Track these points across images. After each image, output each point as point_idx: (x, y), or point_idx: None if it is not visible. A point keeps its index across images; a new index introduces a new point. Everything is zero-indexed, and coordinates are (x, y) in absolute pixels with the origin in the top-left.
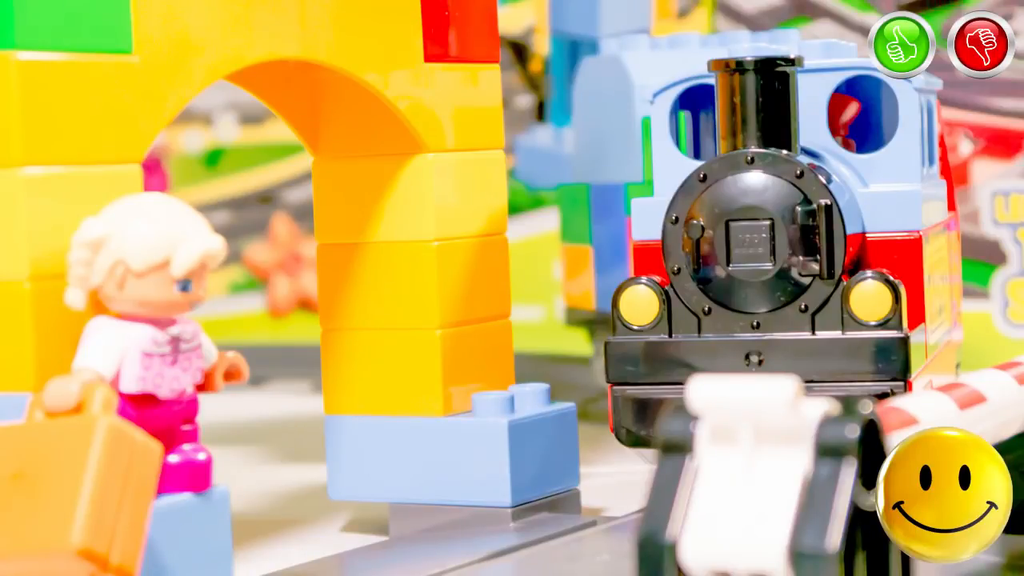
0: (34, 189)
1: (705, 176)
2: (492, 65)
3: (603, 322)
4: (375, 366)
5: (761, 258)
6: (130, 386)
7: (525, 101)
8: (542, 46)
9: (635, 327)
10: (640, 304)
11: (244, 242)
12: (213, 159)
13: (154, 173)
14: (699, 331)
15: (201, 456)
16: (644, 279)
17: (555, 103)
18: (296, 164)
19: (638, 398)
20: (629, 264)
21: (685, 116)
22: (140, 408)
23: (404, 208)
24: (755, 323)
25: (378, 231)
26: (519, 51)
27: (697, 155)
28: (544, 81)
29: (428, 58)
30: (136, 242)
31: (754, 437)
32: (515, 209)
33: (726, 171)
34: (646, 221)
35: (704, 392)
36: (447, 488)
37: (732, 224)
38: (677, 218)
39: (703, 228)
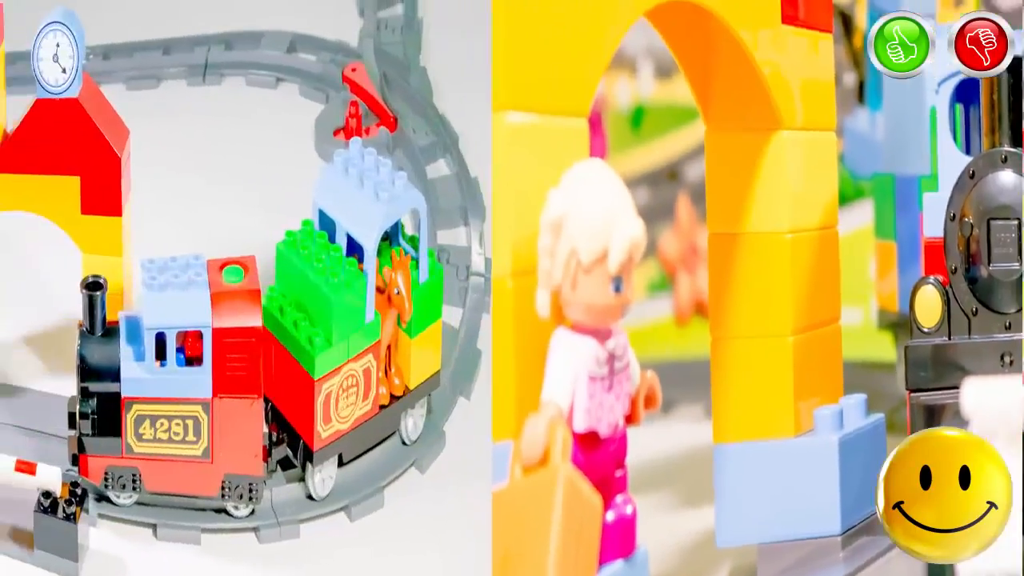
0: (516, 140)
1: (973, 173)
2: (827, 34)
3: (904, 325)
4: (749, 381)
5: (1011, 258)
6: (580, 423)
7: (849, 79)
8: (862, 19)
9: (925, 329)
10: (928, 305)
11: (658, 229)
12: (637, 119)
13: (596, 132)
14: (969, 332)
15: (629, 510)
16: (931, 279)
17: (871, 84)
18: (694, 133)
19: (928, 404)
20: (921, 262)
21: (960, 109)
22: (586, 451)
23: (762, 193)
24: (1007, 323)
25: (750, 220)
26: (845, 22)
27: (968, 150)
28: (864, 58)
29: (784, 19)
30: (585, 226)
31: (1007, 441)
32: (840, 199)
33: (988, 168)
34: (935, 216)
35: (972, 397)
36: (791, 519)
37: (992, 223)
38: (954, 215)
39: (972, 227)
